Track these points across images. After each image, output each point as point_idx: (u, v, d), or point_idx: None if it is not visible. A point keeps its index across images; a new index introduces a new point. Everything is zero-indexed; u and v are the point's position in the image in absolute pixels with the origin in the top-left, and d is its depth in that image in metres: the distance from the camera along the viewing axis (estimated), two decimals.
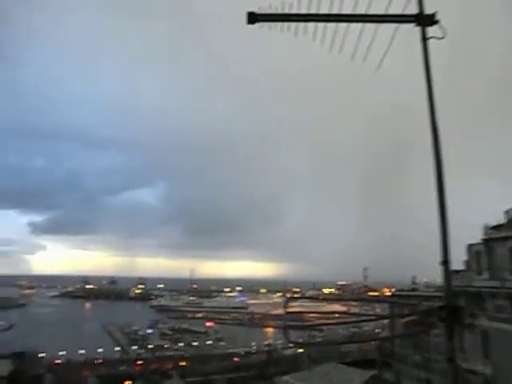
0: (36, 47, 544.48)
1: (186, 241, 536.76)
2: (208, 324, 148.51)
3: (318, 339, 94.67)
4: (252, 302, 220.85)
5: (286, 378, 42.38)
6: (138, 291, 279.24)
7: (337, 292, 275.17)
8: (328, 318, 59.69)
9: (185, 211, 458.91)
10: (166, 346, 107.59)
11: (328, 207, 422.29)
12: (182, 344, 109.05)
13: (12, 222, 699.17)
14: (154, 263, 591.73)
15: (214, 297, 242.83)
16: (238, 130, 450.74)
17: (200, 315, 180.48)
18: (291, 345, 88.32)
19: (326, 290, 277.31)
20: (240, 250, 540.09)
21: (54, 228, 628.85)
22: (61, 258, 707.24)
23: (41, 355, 76.69)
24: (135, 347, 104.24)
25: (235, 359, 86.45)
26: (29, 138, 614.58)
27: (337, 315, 55.58)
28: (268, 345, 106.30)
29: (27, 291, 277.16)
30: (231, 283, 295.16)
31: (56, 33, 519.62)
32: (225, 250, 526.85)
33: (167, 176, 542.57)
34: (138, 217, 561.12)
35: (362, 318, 16.32)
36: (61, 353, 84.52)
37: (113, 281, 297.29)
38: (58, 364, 76.83)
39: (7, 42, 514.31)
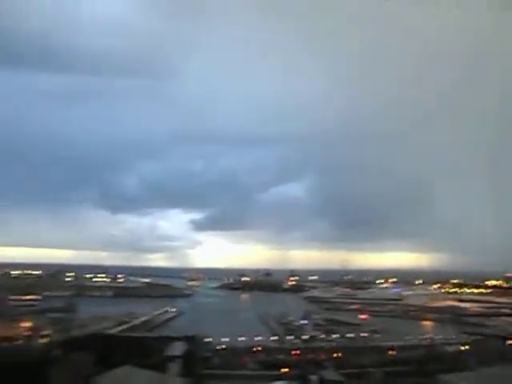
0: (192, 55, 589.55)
1: (338, 232, 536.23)
2: (362, 316, 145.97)
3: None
4: (407, 293, 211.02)
5: (448, 377, 39.47)
6: (291, 283, 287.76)
7: (506, 285, 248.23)
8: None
9: (335, 203, 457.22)
10: (319, 336, 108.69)
11: (490, 189, 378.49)
12: (335, 335, 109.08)
13: (176, 220, 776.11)
14: (305, 255, 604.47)
15: (368, 288, 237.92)
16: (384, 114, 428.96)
17: (353, 307, 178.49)
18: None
19: (490, 283, 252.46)
20: (394, 240, 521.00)
21: (211, 225, 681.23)
22: (218, 252, 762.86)
23: (207, 340, 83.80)
24: (290, 337, 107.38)
25: (391, 353, 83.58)
26: (190, 143, 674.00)
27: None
28: (427, 339, 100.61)
29: (192, 282, 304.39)
30: (385, 274, 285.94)
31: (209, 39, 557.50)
32: (378, 241, 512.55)
33: (316, 168, 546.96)
34: (289, 211, 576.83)
35: None
36: (223, 339, 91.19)
37: (267, 273, 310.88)
38: (220, 349, 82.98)
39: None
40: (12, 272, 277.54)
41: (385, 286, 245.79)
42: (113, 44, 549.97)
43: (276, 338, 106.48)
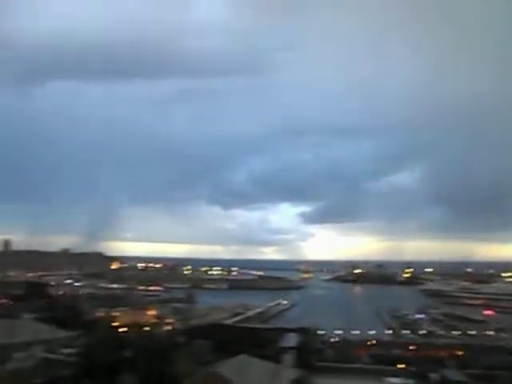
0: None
1: (456, 222, 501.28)
2: (486, 312, 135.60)
3: None
4: None
5: None
6: (405, 275, 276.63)
7: None
8: None
9: (451, 190, 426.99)
10: (438, 332, 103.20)
11: None
12: (456, 332, 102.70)
13: (286, 213, 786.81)
14: (419, 247, 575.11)
15: (492, 282, 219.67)
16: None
17: (476, 302, 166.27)
18: None
19: None
20: None
21: (321, 217, 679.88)
22: (329, 244, 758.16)
23: (320, 331, 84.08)
24: (406, 331, 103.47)
25: None
26: (296, 136, 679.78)
27: None
28: None
29: (304, 275, 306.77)
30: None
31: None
32: (503, 231, 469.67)
33: (429, 156, 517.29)
34: (401, 201, 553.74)
35: None
36: (336, 331, 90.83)
37: (379, 265, 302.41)
38: (333, 341, 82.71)
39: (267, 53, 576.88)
40: (138, 265, 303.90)
41: None
42: (213, 45, 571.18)
43: (391, 332, 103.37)
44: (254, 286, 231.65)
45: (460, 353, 75.08)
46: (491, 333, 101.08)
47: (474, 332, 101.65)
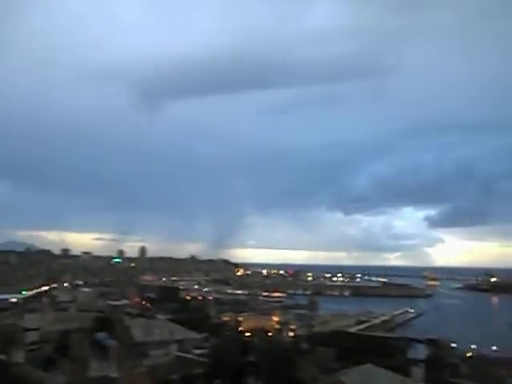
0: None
1: None
2: None
3: None
4: None
5: None
6: None
7: None
8: None
9: None
10: None
11: None
12: None
13: (410, 217, 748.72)
14: None
15: None
16: None
17: None
18: None
19: None
20: None
21: (448, 220, 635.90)
22: (457, 249, 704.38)
23: (452, 345, 78.09)
24: None
25: None
26: (417, 137, 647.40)
27: None
28: None
29: (431, 282, 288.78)
30: None
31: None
32: None
33: None
34: None
35: None
36: (472, 346, 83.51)
37: None
38: (470, 357, 76.07)
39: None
40: (261, 271, 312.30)
41: None
42: (332, 50, 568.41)
43: None
44: (378, 293, 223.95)
45: None
46: None
47: None
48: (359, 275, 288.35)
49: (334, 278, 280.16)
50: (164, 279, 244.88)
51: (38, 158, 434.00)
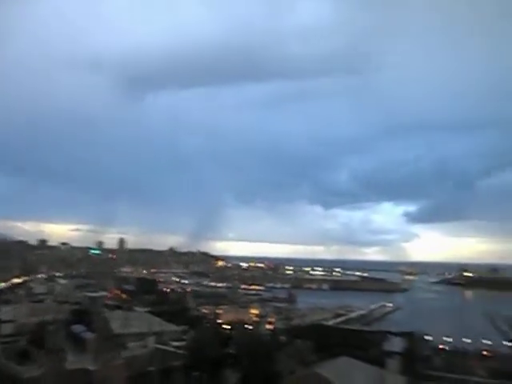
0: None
1: None
2: None
3: None
4: None
5: None
6: None
7: None
8: None
9: None
10: None
11: None
12: None
13: (389, 212, 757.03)
14: None
15: None
16: None
17: None
18: None
19: None
20: None
21: (425, 216, 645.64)
22: (434, 245, 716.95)
23: (427, 337, 79.71)
24: None
25: None
26: (397, 134, 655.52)
27: None
28: None
29: (409, 277, 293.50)
30: None
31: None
32: None
33: None
34: None
35: None
36: (445, 338, 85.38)
37: (494, 269, 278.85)
38: (442, 349, 77.83)
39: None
40: (241, 264, 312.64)
41: None
42: (316, 46, 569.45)
43: (510, 344, 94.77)
44: (356, 287, 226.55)
45: None
46: None
47: None
48: (338, 269, 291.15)
49: (313, 272, 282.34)
50: (143, 271, 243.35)
51: (14, 146, 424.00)
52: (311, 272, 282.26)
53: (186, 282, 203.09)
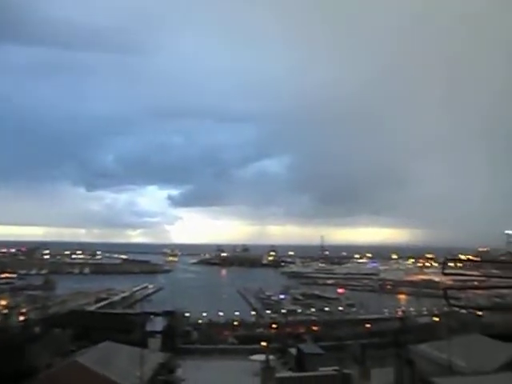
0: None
1: (315, 208, 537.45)
2: (339, 290, 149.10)
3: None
4: (383, 268, 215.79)
5: (422, 346, 40.79)
6: (270, 258, 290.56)
7: (477, 258, 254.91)
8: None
9: (313, 180, 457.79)
10: (298, 310, 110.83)
11: (464, 167, 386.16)
12: (313, 309, 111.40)
13: (153, 195, 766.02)
14: (283, 231, 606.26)
15: (345, 263, 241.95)
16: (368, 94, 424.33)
17: (331, 282, 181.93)
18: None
19: (462, 257, 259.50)
20: (368, 216, 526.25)
21: (188, 200, 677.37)
22: (196, 228, 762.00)
23: (186, 314, 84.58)
24: (269, 311, 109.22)
25: (367, 325, 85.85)
26: (168, 118, 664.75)
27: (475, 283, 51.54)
28: (401, 312, 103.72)
29: (171, 258, 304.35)
30: (361, 250, 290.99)
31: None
32: (353, 217, 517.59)
33: (294, 146, 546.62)
34: (267, 187, 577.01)
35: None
36: (203, 314, 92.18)
37: (245, 248, 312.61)
38: (199, 324, 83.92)
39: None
40: None
41: (362, 261, 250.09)
42: (86, 17, 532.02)
43: (255, 312, 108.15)
44: (119, 269, 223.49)
45: (315, 328, 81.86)
46: (342, 308, 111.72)
47: (328, 309, 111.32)
48: (100, 252, 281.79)
49: (74, 256, 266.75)
50: None
51: None
52: (73, 256, 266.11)
53: None
